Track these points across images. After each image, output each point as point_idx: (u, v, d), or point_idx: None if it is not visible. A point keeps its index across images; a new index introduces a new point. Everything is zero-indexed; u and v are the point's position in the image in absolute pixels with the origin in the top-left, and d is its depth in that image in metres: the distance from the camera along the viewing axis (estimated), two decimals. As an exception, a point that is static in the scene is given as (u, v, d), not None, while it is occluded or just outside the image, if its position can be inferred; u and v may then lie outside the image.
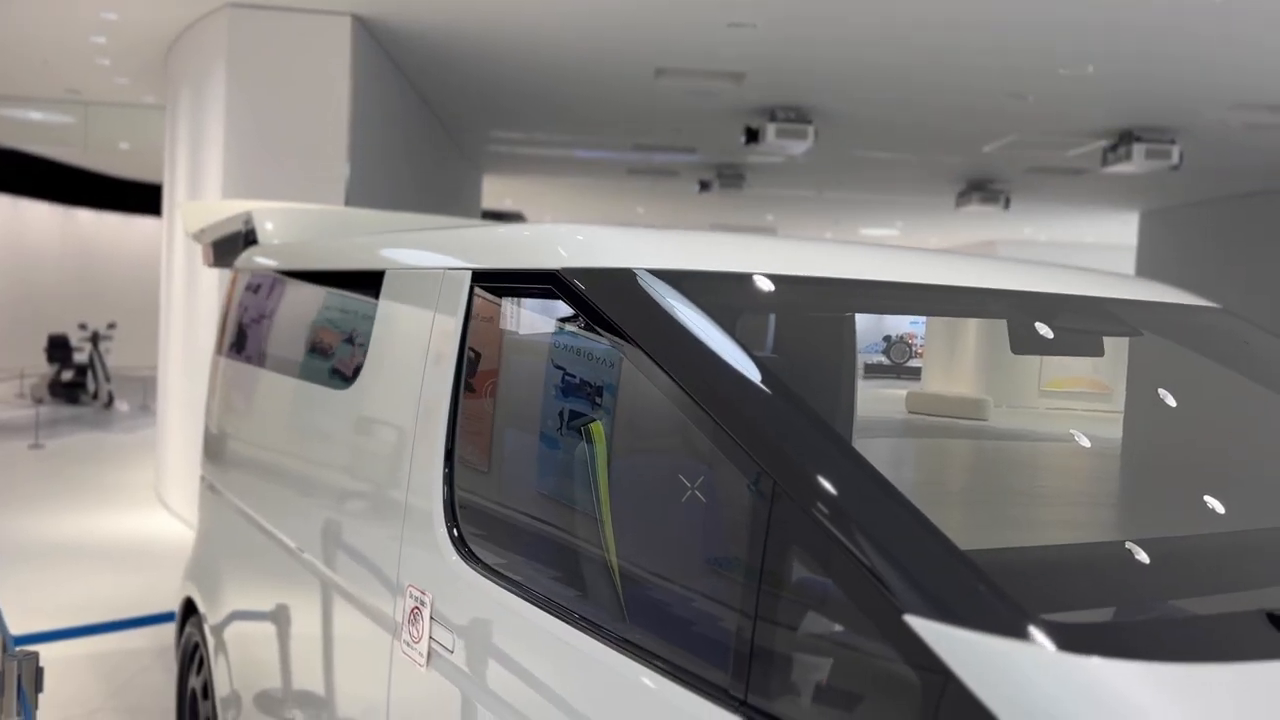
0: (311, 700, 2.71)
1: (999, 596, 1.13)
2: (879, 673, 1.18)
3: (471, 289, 2.15)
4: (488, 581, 1.92)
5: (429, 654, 2.06)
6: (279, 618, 2.98)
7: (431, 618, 2.06)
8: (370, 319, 2.59)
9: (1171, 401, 2.07)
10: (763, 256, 1.98)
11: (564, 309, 1.90)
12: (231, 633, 3.41)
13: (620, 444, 1.76)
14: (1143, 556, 1.42)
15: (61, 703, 4.71)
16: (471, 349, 2.14)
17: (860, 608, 1.21)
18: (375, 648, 2.30)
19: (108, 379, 15.14)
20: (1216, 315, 2.32)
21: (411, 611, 2.14)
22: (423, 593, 2.10)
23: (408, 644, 2.15)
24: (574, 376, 1.87)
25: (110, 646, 5.46)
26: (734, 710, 1.33)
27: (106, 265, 20.06)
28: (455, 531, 2.05)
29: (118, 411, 14.66)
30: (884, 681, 1.17)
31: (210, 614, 3.62)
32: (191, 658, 3.88)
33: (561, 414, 1.89)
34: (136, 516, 8.49)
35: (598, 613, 1.66)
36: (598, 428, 1.75)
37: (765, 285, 1.90)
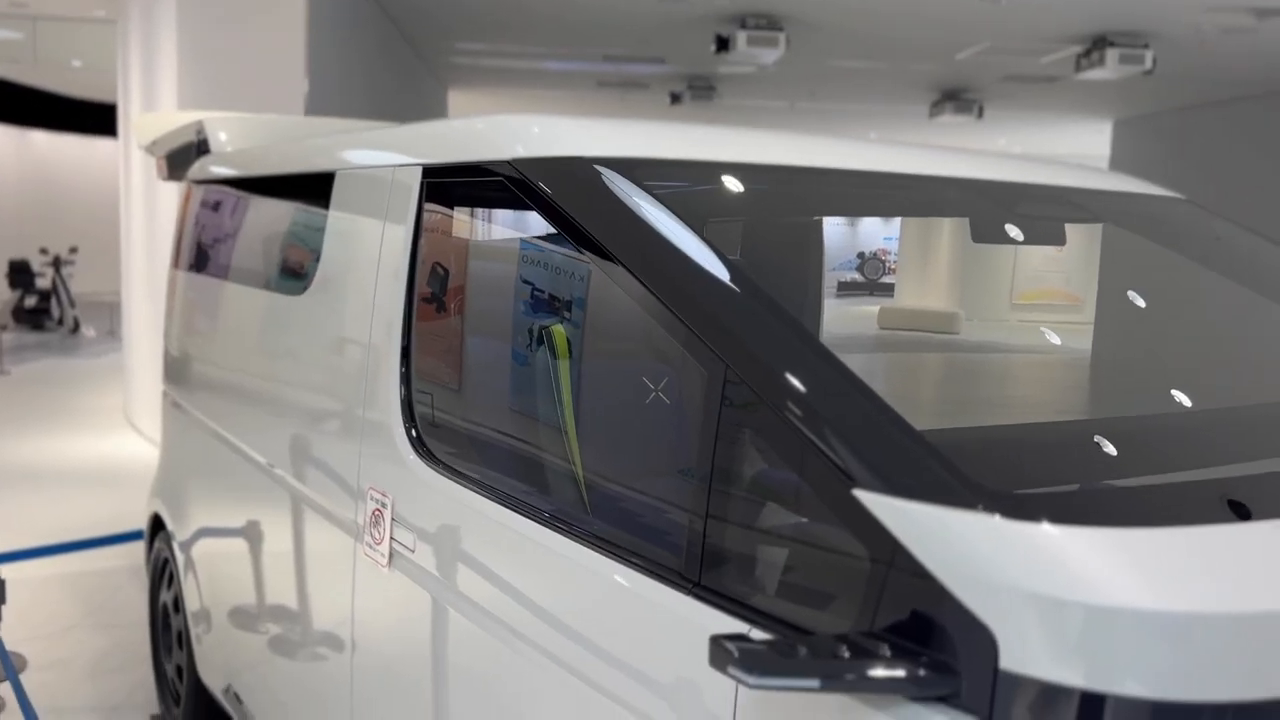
0: (279, 608, 2.71)
1: (947, 469, 1.12)
2: (827, 549, 1.18)
3: (423, 186, 2.10)
4: (446, 480, 1.91)
5: (390, 555, 2.06)
6: (244, 529, 2.97)
7: (392, 519, 2.05)
8: (323, 223, 2.53)
9: (1135, 290, 2.06)
10: (728, 145, 1.94)
11: (520, 203, 1.85)
12: (198, 547, 3.40)
13: (578, 338, 1.73)
14: (1098, 435, 1.42)
15: (37, 622, 4.73)
16: (425, 248, 2.09)
17: (809, 486, 1.20)
18: (339, 553, 2.30)
19: (72, 304, 14.92)
20: (1179, 205, 2.31)
21: (373, 514, 2.13)
22: (383, 494, 2.09)
23: (370, 546, 2.14)
24: (532, 272, 1.83)
25: (84, 566, 5.47)
26: (687, 593, 1.33)
27: (66, 189, 19.61)
28: (413, 432, 2.03)
29: (84, 337, 14.48)
30: (832, 557, 1.17)
31: (177, 530, 3.61)
32: (161, 573, 3.88)
33: (519, 310, 1.85)
34: (106, 440, 8.44)
35: (555, 506, 1.66)
36: (559, 330, 1.72)
37: (731, 173, 1.86)
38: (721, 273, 1.47)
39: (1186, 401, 1.62)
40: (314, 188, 2.61)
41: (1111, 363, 1.80)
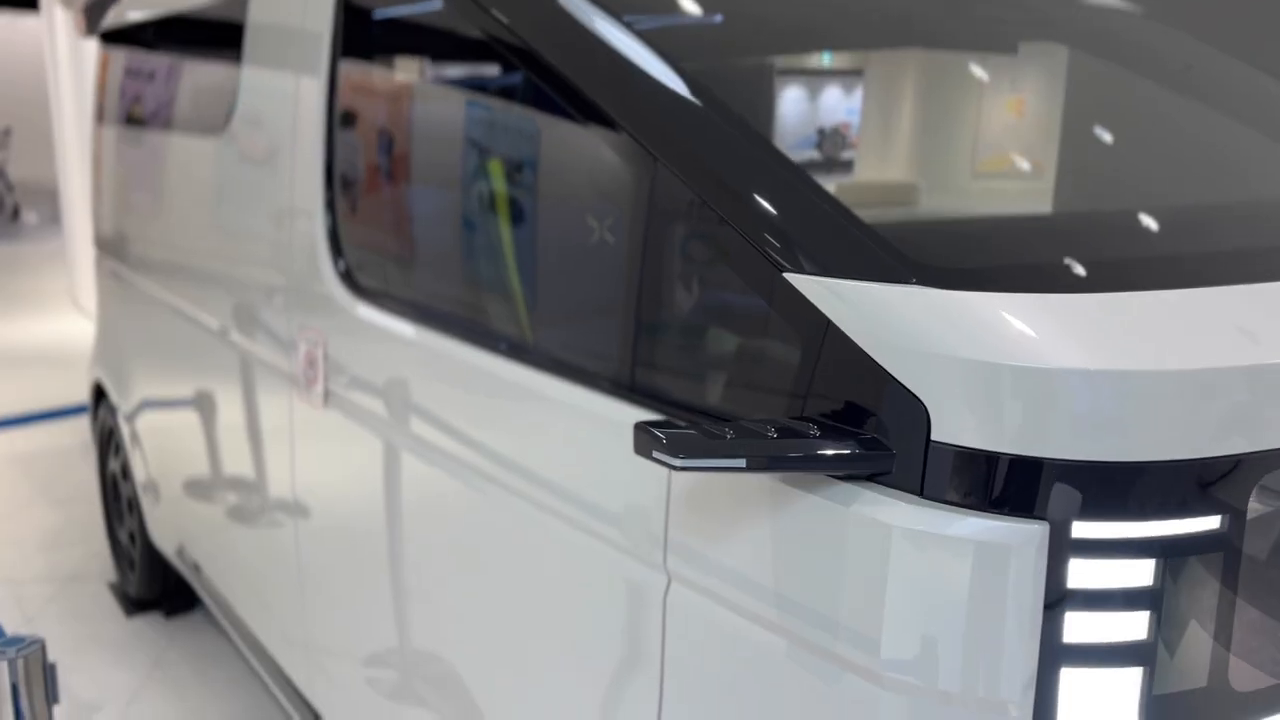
0: (221, 465, 2.66)
1: (879, 247, 1.07)
2: (759, 338, 1.12)
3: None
4: (375, 310, 1.83)
5: (326, 394, 2.00)
6: (182, 388, 2.89)
7: (325, 356, 1.98)
8: (238, 52, 2.38)
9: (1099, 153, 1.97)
10: None
11: (450, 11, 1.73)
12: (139, 410, 3.33)
13: (509, 145, 1.64)
14: (1048, 222, 1.37)
15: (-13, 499, 4.67)
16: (345, 60, 1.96)
17: (740, 275, 1.14)
18: (276, 400, 2.24)
19: (10, 189, 14.43)
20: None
21: (306, 355, 2.06)
22: (315, 333, 2.02)
23: (305, 388, 2.08)
24: (462, 78, 1.72)
25: (37, 446, 5.39)
26: (622, 398, 1.29)
27: (-7, 70, 18.74)
28: (341, 264, 1.94)
29: (26, 224, 14.06)
30: (764, 346, 1.12)
31: (118, 395, 3.53)
32: (108, 442, 3.82)
33: (452, 124, 1.75)
34: (52, 321, 8.26)
35: (489, 324, 1.59)
36: (496, 164, 1.62)
37: None
38: (650, 65, 1.37)
39: (1141, 202, 1.56)
40: (228, 15, 2.45)
41: (1072, 191, 1.74)
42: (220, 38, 2.54)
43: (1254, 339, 0.98)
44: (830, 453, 0.99)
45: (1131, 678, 0.97)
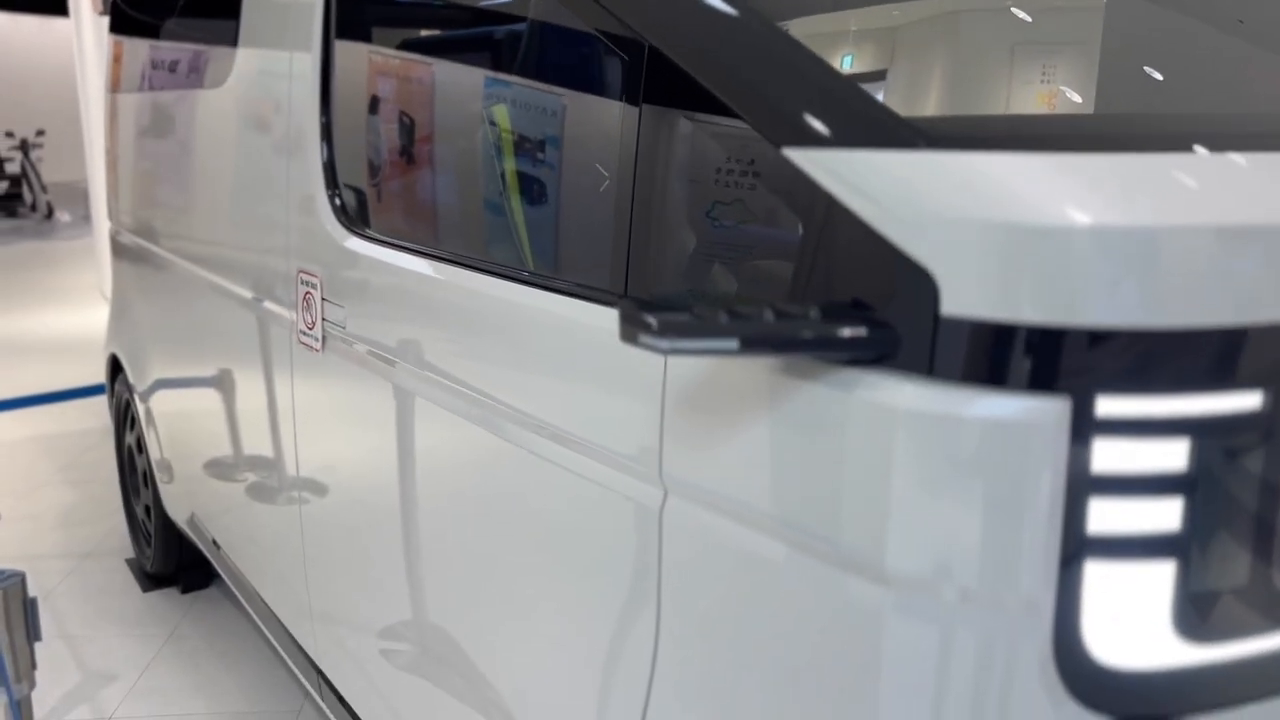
0: (227, 424, 2.62)
1: (880, 114, 0.98)
2: (758, 220, 1.05)
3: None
4: (369, 243, 1.77)
5: (324, 338, 1.94)
6: (194, 349, 2.85)
7: (323, 298, 1.92)
8: (238, 5, 2.33)
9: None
10: None
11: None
12: (149, 375, 3.29)
13: (503, 59, 1.57)
14: (1076, 120, 1.28)
15: (10, 480, 4.67)
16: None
17: (735, 156, 1.06)
18: (277, 346, 2.18)
19: (44, 189, 14.58)
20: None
21: (304, 298, 2.00)
22: (312, 275, 1.96)
23: (303, 333, 2.02)
24: (466, 17, 1.66)
25: (57, 429, 5.40)
26: (615, 304, 1.21)
27: (26, 71, 18.98)
28: (337, 201, 1.88)
29: (59, 222, 14.20)
30: (763, 229, 1.04)
31: (133, 369, 3.50)
32: (124, 414, 3.80)
33: (452, 56, 1.69)
34: (81, 313, 8.32)
35: (478, 243, 1.53)
36: (496, 108, 1.55)
37: None
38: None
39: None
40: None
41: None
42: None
43: (1299, 201, 0.89)
44: (830, 333, 0.91)
45: (1163, 572, 0.88)
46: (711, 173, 1.14)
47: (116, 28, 3.58)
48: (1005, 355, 0.86)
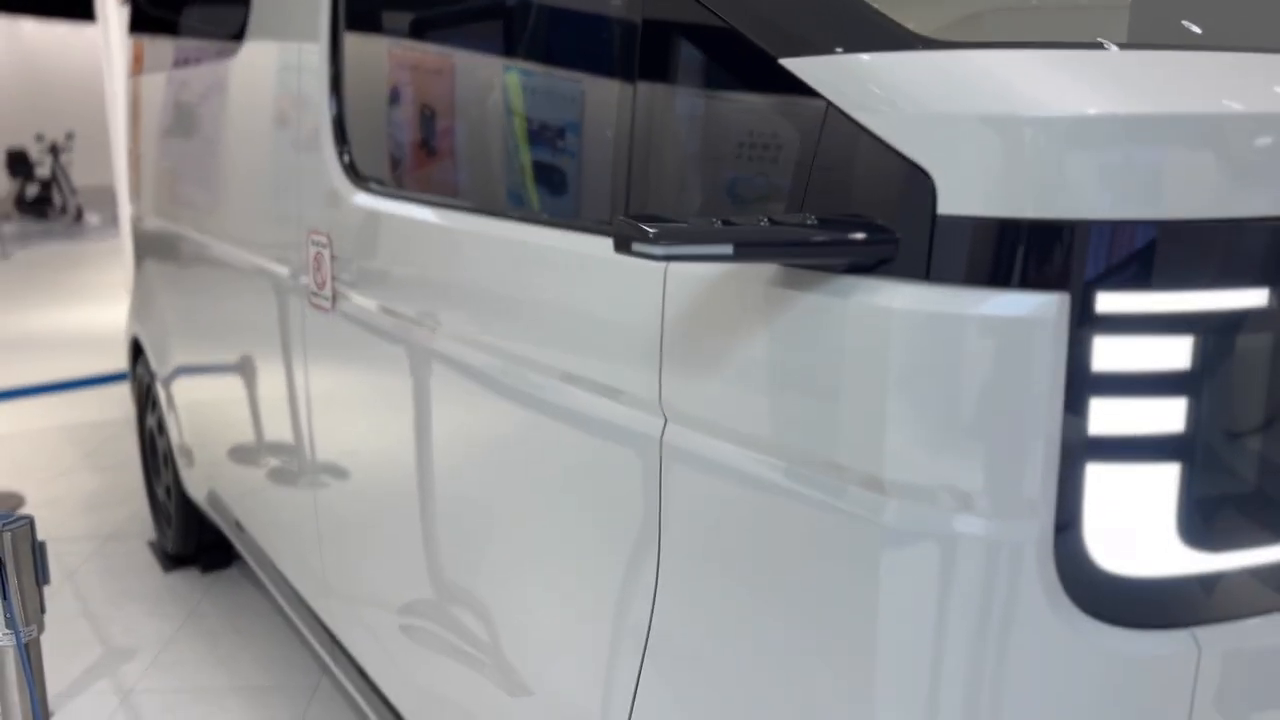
0: (240, 391, 2.63)
1: (876, 17, 0.97)
2: (755, 140, 1.03)
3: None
4: (377, 197, 1.77)
5: (334, 296, 1.94)
6: (213, 322, 2.87)
7: (333, 256, 1.92)
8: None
9: None
10: None
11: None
12: (172, 353, 3.32)
13: (515, 33, 1.57)
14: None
15: (34, 467, 4.72)
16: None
17: (734, 75, 1.05)
18: (292, 313, 2.19)
19: (73, 191, 14.76)
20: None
21: (314, 258, 2.00)
22: (322, 235, 1.96)
23: (314, 294, 2.02)
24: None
25: (81, 418, 5.46)
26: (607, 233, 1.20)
27: (56, 75, 19.21)
28: (346, 157, 1.89)
29: (88, 224, 14.37)
30: (764, 144, 1.03)
31: (152, 349, 3.53)
32: (146, 396, 3.82)
33: (453, 13, 1.68)
34: (108, 310, 8.40)
35: (502, 197, 1.52)
36: (505, 75, 1.55)
37: None
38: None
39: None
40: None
41: None
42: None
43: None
44: (826, 238, 0.90)
45: (1167, 476, 0.86)
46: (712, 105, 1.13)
47: (136, 24, 3.63)
48: (1003, 252, 0.85)
